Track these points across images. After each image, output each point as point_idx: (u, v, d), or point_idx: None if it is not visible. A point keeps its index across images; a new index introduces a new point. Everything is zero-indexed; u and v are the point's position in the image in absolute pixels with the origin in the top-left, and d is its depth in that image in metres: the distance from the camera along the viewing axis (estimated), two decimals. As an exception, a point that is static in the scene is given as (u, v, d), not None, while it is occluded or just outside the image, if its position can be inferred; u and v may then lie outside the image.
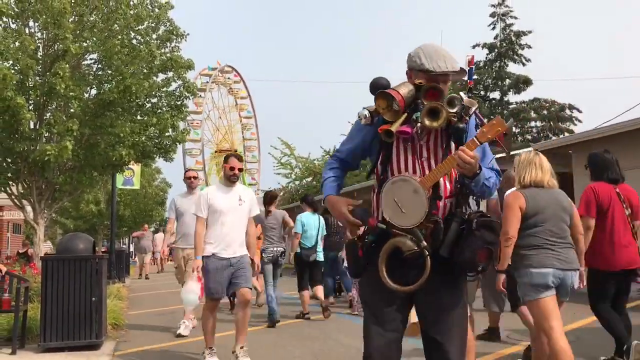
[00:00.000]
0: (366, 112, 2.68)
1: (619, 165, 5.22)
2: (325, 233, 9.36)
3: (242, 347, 5.55)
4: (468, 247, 2.48)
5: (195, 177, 8.00)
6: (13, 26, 9.96)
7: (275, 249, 8.46)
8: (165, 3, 10.90)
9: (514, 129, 30.38)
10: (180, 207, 7.68)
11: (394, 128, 2.58)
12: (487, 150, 2.68)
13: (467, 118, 2.59)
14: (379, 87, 2.66)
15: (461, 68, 2.64)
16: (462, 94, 2.66)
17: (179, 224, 7.75)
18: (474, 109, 2.63)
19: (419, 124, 2.57)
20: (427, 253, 2.47)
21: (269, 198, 8.82)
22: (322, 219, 9.24)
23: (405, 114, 2.60)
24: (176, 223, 7.83)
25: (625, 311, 5.14)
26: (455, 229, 2.50)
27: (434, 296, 2.58)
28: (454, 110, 2.52)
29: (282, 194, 35.41)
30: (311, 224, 9.00)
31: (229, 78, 53.89)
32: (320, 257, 9.11)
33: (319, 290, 8.88)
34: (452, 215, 2.55)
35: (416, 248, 2.48)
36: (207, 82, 49.52)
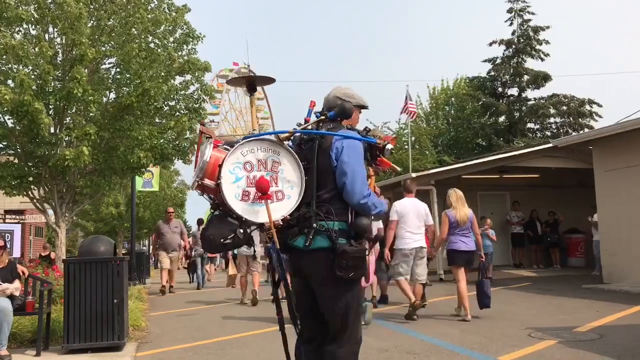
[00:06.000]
0: None
1: None
2: None
3: None
4: None
5: None
6: (33, 32, 10.09)
7: (200, 249, 14.90)
8: (182, 6, 10.97)
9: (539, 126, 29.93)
10: None
11: None
12: None
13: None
14: None
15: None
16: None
17: None
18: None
19: None
20: None
21: (200, 221, 15.92)
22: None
23: None
24: None
25: None
26: None
27: None
28: None
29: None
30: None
31: None
32: None
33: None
34: None
35: None
36: (223, 82, 49.46)
